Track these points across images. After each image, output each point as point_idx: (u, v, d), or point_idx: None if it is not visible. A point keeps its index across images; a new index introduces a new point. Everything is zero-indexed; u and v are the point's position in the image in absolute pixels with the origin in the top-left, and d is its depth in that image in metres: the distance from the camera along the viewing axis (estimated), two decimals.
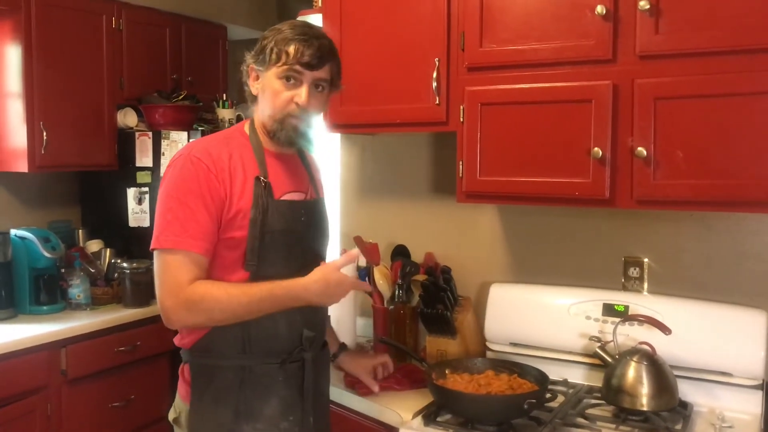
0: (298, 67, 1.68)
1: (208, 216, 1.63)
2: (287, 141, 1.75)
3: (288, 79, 1.69)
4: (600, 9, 1.87)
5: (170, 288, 1.63)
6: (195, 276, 1.62)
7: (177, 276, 1.61)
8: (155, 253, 1.66)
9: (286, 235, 1.72)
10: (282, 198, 1.74)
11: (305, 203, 1.81)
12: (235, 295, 1.63)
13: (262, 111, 1.75)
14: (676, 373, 1.99)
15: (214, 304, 1.62)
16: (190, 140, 3.44)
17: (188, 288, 1.61)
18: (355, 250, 1.72)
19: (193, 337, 1.73)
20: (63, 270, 3.26)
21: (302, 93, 1.69)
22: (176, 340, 1.79)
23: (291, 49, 1.67)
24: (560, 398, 2.06)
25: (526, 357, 2.27)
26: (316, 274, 1.66)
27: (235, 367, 1.69)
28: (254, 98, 1.79)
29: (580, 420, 1.93)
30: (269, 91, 1.71)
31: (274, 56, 1.69)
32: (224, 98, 3.79)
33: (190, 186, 1.63)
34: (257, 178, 1.69)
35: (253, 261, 1.67)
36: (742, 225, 2.11)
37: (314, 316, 1.79)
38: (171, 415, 1.83)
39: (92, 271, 3.34)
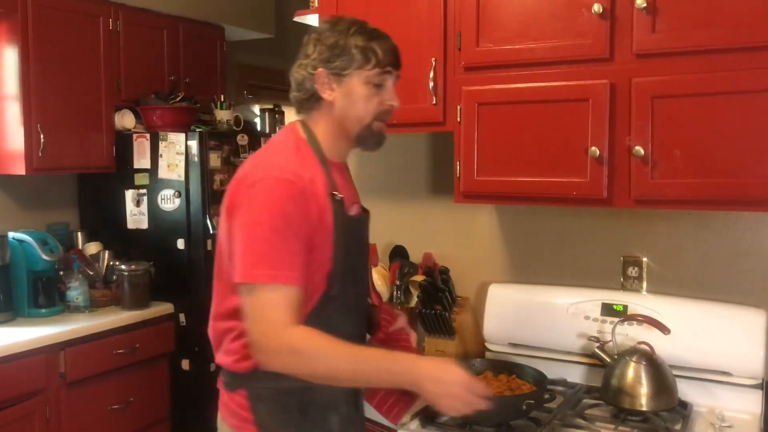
0: (390, 68, 1.60)
1: (302, 245, 1.48)
2: (376, 144, 1.67)
3: (377, 83, 1.59)
4: (597, 8, 1.87)
5: (272, 328, 1.45)
6: (297, 315, 1.46)
7: (279, 315, 1.45)
8: (247, 287, 1.47)
9: (354, 253, 1.63)
10: (350, 213, 1.63)
11: (363, 217, 1.73)
12: (345, 356, 1.47)
13: (344, 116, 1.60)
14: (675, 372, 1.98)
15: (322, 358, 1.45)
16: (188, 141, 3.42)
17: (293, 331, 1.45)
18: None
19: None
20: (61, 272, 3.26)
21: (394, 94, 1.63)
22: (226, 362, 1.59)
23: (379, 49, 1.58)
24: (559, 399, 2.05)
25: (524, 357, 2.26)
26: (452, 375, 1.48)
27: (300, 389, 1.55)
28: (315, 103, 1.62)
29: (579, 420, 1.92)
30: (357, 95, 1.59)
31: (360, 57, 1.57)
32: (222, 99, 3.78)
33: (283, 212, 1.47)
34: (332, 194, 1.56)
35: (337, 282, 1.56)
36: (741, 224, 2.10)
37: (360, 329, 1.72)
38: None
39: (91, 273, 3.34)
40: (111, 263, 3.43)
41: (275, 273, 1.45)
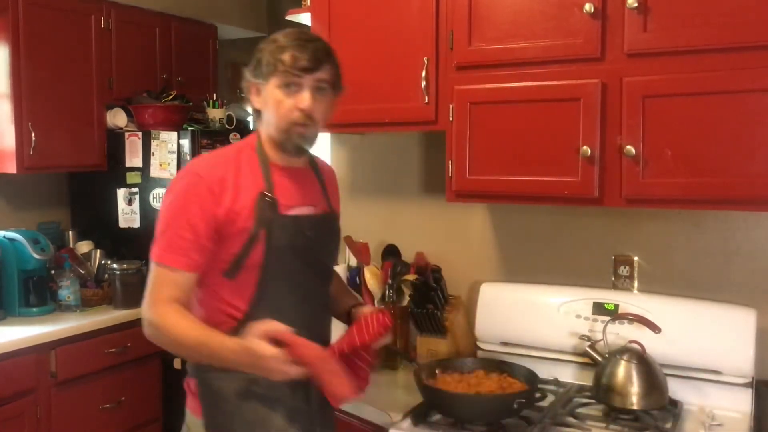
0: (295, 71, 1.64)
1: (198, 234, 1.62)
2: (295, 150, 1.72)
3: (288, 86, 1.66)
4: (588, 7, 1.87)
5: (149, 302, 1.65)
6: (173, 294, 1.62)
7: (157, 290, 1.64)
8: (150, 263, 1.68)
9: (289, 251, 1.70)
10: (288, 213, 1.71)
11: (312, 217, 1.77)
12: (185, 333, 1.61)
13: (267, 124, 1.72)
14: (665, 371, 1.99)
15: (172, 332, 1.61)
16: (180, 140, 3.42)
17: (160, 307, 1.62)
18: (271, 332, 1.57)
19: None
20: (52, 271, 3.24)
21: (305, 97, 1.66)
22: None
23: (286, 56, 1.65)
24: (550, 397, 2.05)
25: (516, 356, 2.26)
26: (243, 344, 1.55)
27: (242, 379, 1.65)
28: (258, 113, 1.76)
29: (570, 419, 1.92)
30: (271, 102, 1.69)
31: (270, 66, 1.66)
32: (214, 98, 3.77)
33: (186, 202, 1.65)
34: (261, 194, 1.67)
35: (269, 275, 1.67)
36: (731, 223, 2.11)
37: (315, 326, 1.76)
38: None
39: (82, 272, 3.33)
40: (102, 262, 3.42)
41: (163, 254, 1.64)
